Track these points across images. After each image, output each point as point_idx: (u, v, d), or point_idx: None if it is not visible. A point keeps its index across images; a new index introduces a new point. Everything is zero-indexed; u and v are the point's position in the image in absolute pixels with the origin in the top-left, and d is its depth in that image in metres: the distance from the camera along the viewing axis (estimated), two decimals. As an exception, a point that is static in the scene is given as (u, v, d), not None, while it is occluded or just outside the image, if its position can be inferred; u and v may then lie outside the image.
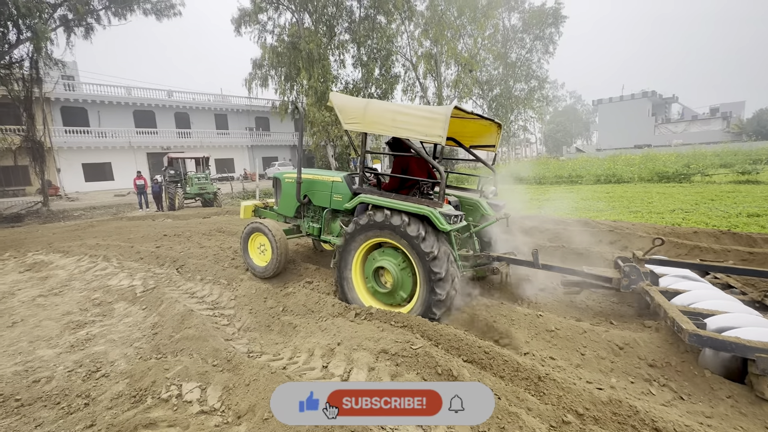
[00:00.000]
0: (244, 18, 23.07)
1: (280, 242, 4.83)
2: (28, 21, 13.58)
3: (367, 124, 3.82)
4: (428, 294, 3.54)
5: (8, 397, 2.82)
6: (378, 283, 3.94)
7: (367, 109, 3.83)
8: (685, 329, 2.60)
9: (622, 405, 2.29)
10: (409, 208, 3.58)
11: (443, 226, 3.41)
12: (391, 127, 3.67)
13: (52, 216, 15.78)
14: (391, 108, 3.84)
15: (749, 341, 2.43)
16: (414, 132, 3.49)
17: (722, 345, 2.48)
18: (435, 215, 3.43)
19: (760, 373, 2.37)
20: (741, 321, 2.74)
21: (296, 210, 5.32)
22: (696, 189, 12.36)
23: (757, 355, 2.37)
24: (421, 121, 3.46)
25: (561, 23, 30.87)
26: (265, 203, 6.05)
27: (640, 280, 3.60)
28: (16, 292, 5.40)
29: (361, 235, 3.92)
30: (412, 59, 28.56)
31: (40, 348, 3.65)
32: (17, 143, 17.19)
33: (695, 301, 3.19)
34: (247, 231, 5.30)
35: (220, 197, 16.88)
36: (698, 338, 2.54)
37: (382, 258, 3.86)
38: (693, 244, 5.56)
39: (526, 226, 7.52)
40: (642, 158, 22.35)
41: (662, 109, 58.54)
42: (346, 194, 4.60)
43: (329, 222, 4.92)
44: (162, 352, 3.37)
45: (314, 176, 5.08)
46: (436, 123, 3.37)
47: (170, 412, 2.52)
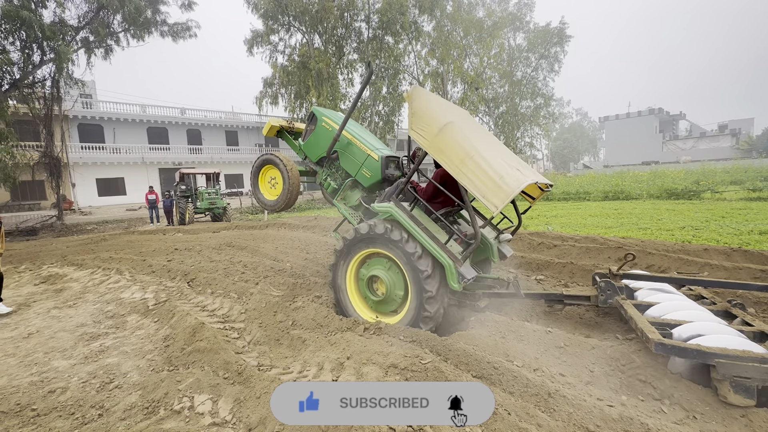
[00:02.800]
0: (257, 39, 23.91)
1: (292, 173, 4.64)
2: (51, 43, 14.23)
3: (433, 146, 3.43)
4: (418, 309, 3.59)
5: (25, 407, 2.88)
6: (371, 291, 3.99)
7: (442, 132, 3.40)
8: (651, 338, 2.73)
9: (634, 422, 2.27)
10: (434, 251, 3.50)
11: (453, 284, 3.43)
12: (455, 166, 3.28)
13: (66, 230, 16.11)
14: (467, 148, 3.30)
15: (709, 348, 2.56)
16: (473, 185, 3.17)
17: (685, 353, 2.62)
18: (451, 271, 3.42)
19: (721, 378, 2.49)
20: (705, 329, 2.86)
21: (320, 158, 4.96)
22: (706, 206, 12.26)
23: (717, 360, 2.49)
24: (486, 182, 3.12)
25: (566, 42, 31.40)
26: (292, 125, 5.50)
27: (616, 294, 3.70)
28: (31, 303, 5.51)
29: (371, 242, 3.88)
30: (419, 77, 29.15)
31: (55, 359, 3.72)
32: (35, 159, 17.72)
33: (666, 313, 3.31)
34: (258, 163, 5.05)
35: (230, 212, 17.11)
36: (663, 347, 2.67)
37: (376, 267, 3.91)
38: (704, 262, 5.51)
39: (534, 243, 7.52)
40: (650, 175, 22.26)
41: (669, 125, 58.55)
42: (376, 174, 4.42)
43: (348, 190, 4.70)
44: (174, 364, 3.42)
45: (354, 139, 4.68)
46: (499, 193, 3.06)
47: (183, 423, 2.56)
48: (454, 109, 4.26)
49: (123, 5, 15.74)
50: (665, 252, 6.19)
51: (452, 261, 3.44)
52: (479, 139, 3.63)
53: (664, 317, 3.23)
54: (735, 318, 3.30)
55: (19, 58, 14.38)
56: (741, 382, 2.45)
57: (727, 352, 2.51)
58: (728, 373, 2.46)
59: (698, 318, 3.11)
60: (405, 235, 3.63)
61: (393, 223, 3.76)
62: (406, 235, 3.63)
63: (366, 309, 4.17)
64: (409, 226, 3.62)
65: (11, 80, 14.45)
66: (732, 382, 2.46)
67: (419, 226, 3.61)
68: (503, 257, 4.39)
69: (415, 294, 3.63)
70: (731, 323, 3.17)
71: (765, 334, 2.90)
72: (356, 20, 24.38)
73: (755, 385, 2.44)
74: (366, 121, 25.99)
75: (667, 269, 5.57)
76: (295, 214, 17.89)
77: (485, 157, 3.22)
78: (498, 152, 3.64)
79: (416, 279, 3.58)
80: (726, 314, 3.40)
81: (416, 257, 3.54)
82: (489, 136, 4.33)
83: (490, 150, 3.47)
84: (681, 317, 3.17)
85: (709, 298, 3.76)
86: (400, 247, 3.63)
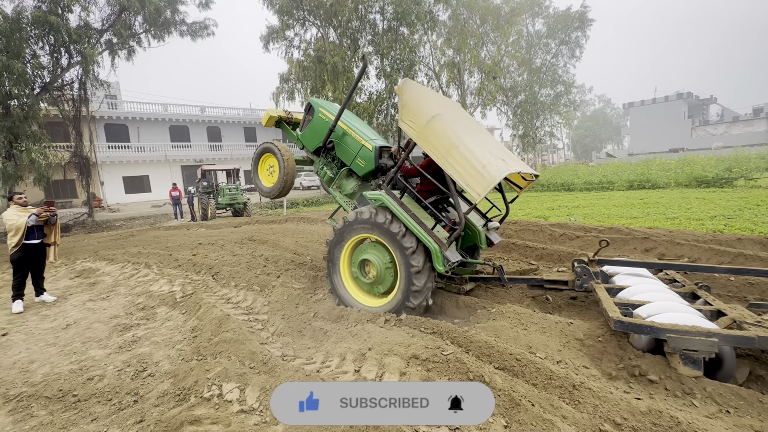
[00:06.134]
0: (273, 35, 24.06)
1: (288, 163, 4.85)
2: (78, 46, 14.74)
3: (421, 137, 3.59)
4: (406, 292, 3.83)
5: (67, 393, 3.05)
6: (363, 274, 4.20)
7: (429, 124, 3.55)
8: (611, 317, 2.99)
9: (663, 416, 2.22)
10: (420, 235, 3.71)
11: (439, 267, 3.65)
12: (441, 156, 3.45)
13: (97, 226, 16.81)
14: (452, 139, 3.46)
15: (661, 324, 2.79)
16: (458, 174, 3.34)
17: (641, 329, 2.85)
18: (437, 254, 3.63)
19: (672, 351, 2.74)
20: (664, 308, 3.08)
21: (317, 148, 5.14)
22: (739, 194, 11.70)
23: (668, 335, 2.72)
24: (469, 171, 3.27)
25: (587, 27, 30.26)
26: (290, 116, 5.66)
27: (591, 279, 3.97)
28: (68, 296, 5.81)
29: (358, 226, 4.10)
30: (435, 68, 28.77)
31: (92, 348, 3.92)
32: (66, 159, 18.49)
33: (634, 295, 3.56)
34: (258, 151, 5.30)
35: (250, 207, 17.45)
36: (621, 324, 2.92)
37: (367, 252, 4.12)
38: (737, 252, 5.28)
39: (556, 234, 7.37)
40: (678, 162, 21.34)
41: (699, 110, 55.80)
42: (369, 164, 4.62)
43: (343, 178, 4.95)
44: (202, 354, 3.55)
45: (349, 129, 4.83)
46: (481, 181, 3.20)
47: (212, 410, 2.66)
48: (444, 102, 4.44)
49: (143, 6, 16.12)
50: (695, 242, 5.96)
51: (438, 245, 3.62)
52: (466, 130, 3.82)
53: (631, 299, 3.46)
54: (699, 299, 3.55)
55: (48, 62, 14.96)
56: (689, 355, 2.68)
57: (677, 327, 2.73)
58: (678, 347, 2.70)
59: (662, 299, 3.33)
60: (389, 217, 3.86)
61: (380, 209, 3.98)
62: (390, 217, 3.86)
63: (359, 291, 4.36)
64: (398, 212, 3.83)
65: (42, 84, 15.07)
66: (681, 354, 2.70)
67: (407, 212, 3.81)
68: (491, 244, 4.54)
69: (404, 271, 3.83)
70: (694, 303, 3.41)
71: (721, 312, 3.12)
72: (371, 12, 24.16)
73: (702, 357, 2.66)
74: (382, 114, 25.88)
75: (697, 260, 5.37)
76: (314, 208, 18.10)
77: (469, 148, 3.40)
78: (484, 143, 3.82)
79: (403, 257, 3.80)
80: (693, 296, 3.65)
81: (401, 236, 3.77)
82: (477, 128, 4.49)
83: (475, 141, 3.65)
84: (645, 298, 3.39)
85: (680, 281, 3.99)
86: (385, 229, 3.86)
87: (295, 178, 5.06)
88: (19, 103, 13.83)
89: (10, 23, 12.40)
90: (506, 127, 34.87)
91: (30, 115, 13.71)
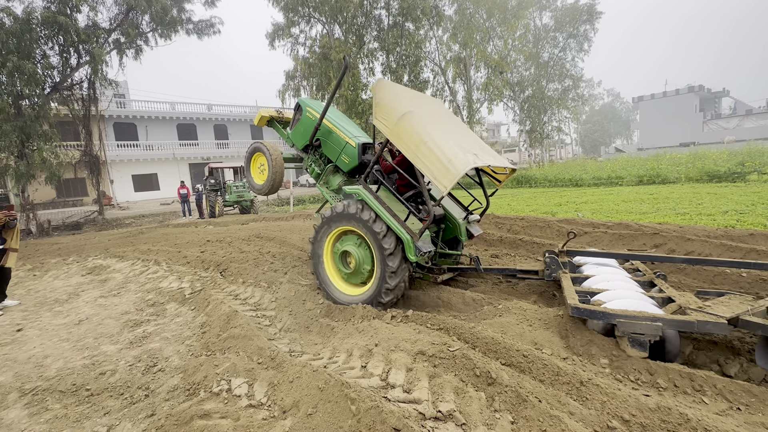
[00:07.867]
0: (278, 32, 24.06)
1: (276, 161, 5.05)
2: (86, 46, 14.91)
3: (393, 134, 3.76)
4: (381, 281, 4.01)
5: (80, 387, 3.12)
6: (344, 265, 4.39)
7: (400, 121, 3.72)
8: (569, 303, 3.18)
9: (672, 412, 2.20)
10: (391, 224, 3.90)
11: (411, 256, 3.82)
12: (411, 152, 3.61)
13: (107, 224, 17.07)
14: (421, 135, 3.60)
15: (612, 310, 2.99)
16: (427, 169, 3.50)
17: (594, 314, 3.05)
18: (409, 244, 3.80)
19: (621, 334, 2.92)
20: (618, 295, 3.29)
21: (305, 146, 5.36)
22: (752, 189, 11.48)
23: (618, 320, 2.91)
24: (437, 164, 3.43)
25: (596, 19, 29.76)
26: (281, 114, 5.89)
27: (559, 268, 4.17)
28: (80, 293, 5.91)
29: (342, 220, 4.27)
30: (441, 64, 28.54)
31: (104, 344, 3.99)
32: (77, 157, 18.77)
33: (596, 283, 3.75)
34: (249, 150, 5.55)
35: (257, 205, 17.57)
36: (577, 310, 3.12)
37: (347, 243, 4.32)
38: (749, 248, 5.20)
39: (564, 230, 7.31)
40: (689, 157, 20.97)
41: (711, 104, 54.65)
42: (353, 160, 4.80)
43: (329, 174, 5.16)
44: (211, 349, 3.60)
45: (334, 127, 5.02)
46: (447, 175, 3.35)
47: (222, 405, 2.69)
48: (420, 99, 4.59)
49: (150, 5, 16.23)
50: (706, 238, 5.88)
51: (410, 236, 3.80)
52: (439, 126, 3.99)
53: (592, 287, 3.67)
54: (655, 286, 3.72)
55: (58, 62, 15.16)
56: (636, 338, 2.87)
57: (626, 312, 2.92)
58: (626, 330, 2.88)
59: (620, 287, 3.52)
60: (360, 206, 4.09)
61: (354, 201, 4.20)
62: (361, 206, 4.09)
63: (340, 280, 4.55)
64: (372, 204, 4.03)
65: (52, 83, 15.28)
66: (629, 337, 2.89)
67: (382, 205, 4.00)
68: (471, 236, 4.71)
69: (379, 255, 4.04)
70: (649, 291, 3.63)
71: (671, 299, 3.33)
72: (376, 8, 24.00)
73: (647, 339, 2.84)
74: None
75: (708, 255, 5.29)
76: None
77: (437, 143, 3.55)
78: (456, 138, 3.98)
79: (376, 241, 4.00)
80: (650, 284, 3.85)
81: (372, 221, 3.99)
82: (453, 123, 4.59)
83: (445, 136, 3.79)
84: (604, 286, 3.59)
85: (642, 270, 4.18)
86: (357, 218, 4.10)
87: (283, 176, 5.31)
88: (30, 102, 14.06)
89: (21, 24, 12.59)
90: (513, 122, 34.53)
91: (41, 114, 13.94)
